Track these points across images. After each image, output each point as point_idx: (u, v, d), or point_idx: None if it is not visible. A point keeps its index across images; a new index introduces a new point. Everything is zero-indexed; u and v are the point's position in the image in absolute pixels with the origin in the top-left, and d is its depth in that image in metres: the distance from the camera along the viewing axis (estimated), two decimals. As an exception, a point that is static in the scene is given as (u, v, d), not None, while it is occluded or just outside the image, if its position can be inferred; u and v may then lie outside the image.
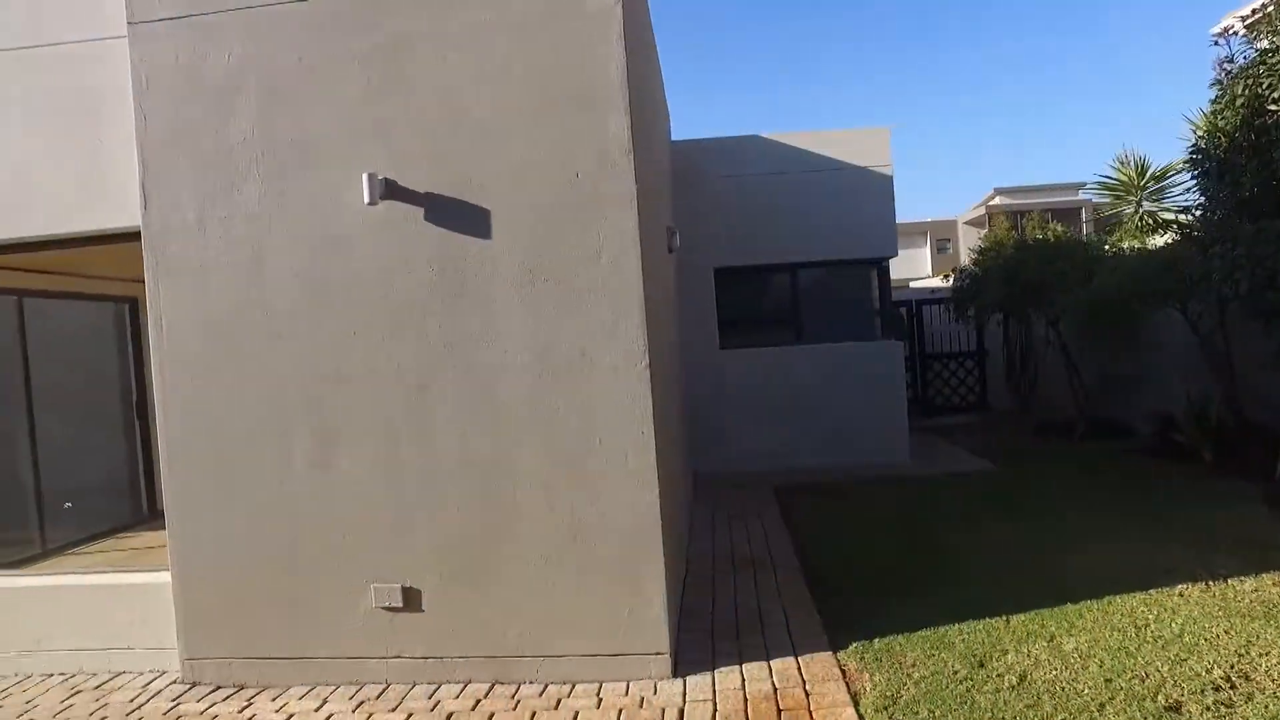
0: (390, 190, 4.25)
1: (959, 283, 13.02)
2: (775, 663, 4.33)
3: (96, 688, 4.66)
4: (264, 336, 4.42)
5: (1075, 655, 4.14)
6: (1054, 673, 3.97)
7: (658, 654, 4.21)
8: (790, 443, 10.07)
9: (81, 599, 4.92)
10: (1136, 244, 11.31)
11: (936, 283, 18.79)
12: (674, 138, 10.07)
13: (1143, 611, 4.63)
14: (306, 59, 4.36)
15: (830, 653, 4.40)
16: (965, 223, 37.35)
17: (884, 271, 10.54)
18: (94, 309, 7.63)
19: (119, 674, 4.82)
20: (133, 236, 4.67)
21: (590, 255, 4.16)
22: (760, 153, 10.35)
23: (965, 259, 15.89)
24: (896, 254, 10.41)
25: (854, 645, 4.45)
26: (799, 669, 4.23)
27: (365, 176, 4.18)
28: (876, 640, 4.49)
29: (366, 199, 4.18)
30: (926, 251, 40.63)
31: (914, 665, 4.15)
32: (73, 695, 4.59)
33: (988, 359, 14.97)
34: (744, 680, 4.16)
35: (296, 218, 4.37)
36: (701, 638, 4.74)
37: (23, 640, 4.94)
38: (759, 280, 10.68)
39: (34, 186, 4.86)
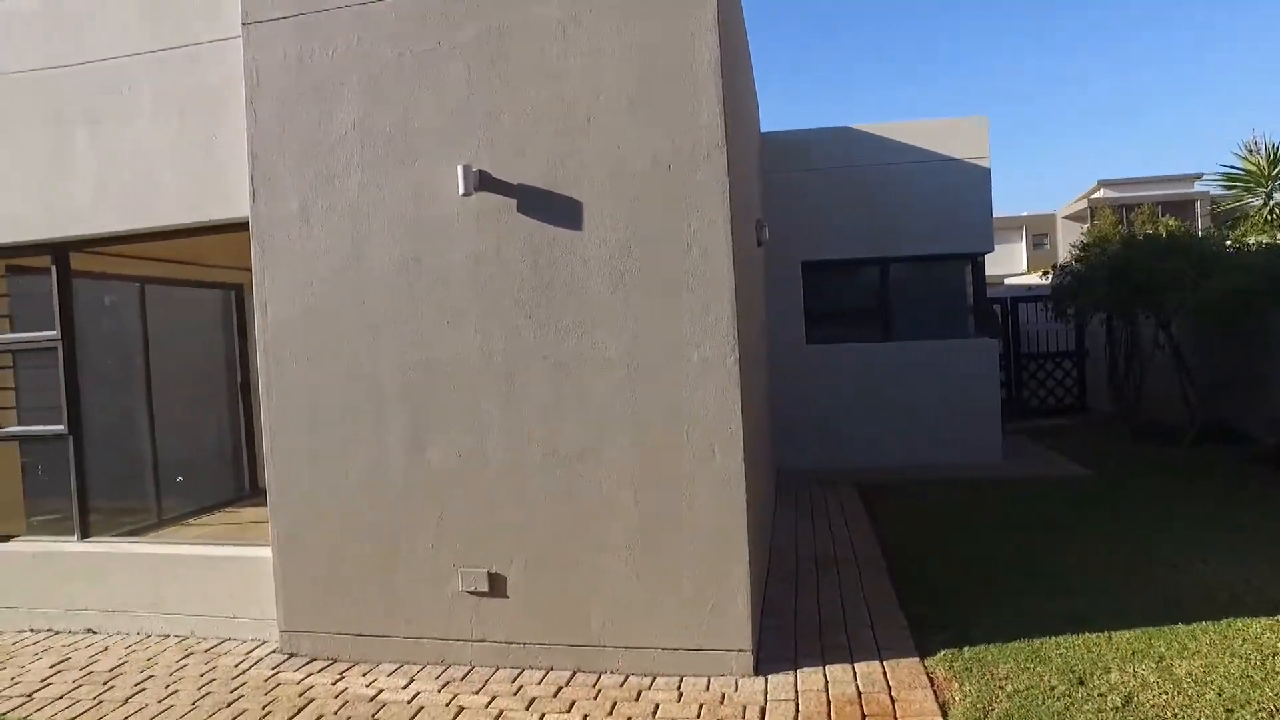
0: (484, 182, 4.32)
1: (1059, 280, 12.43)
2: (860, 665, 4.24)
3: (206, 651, 4.93)
4: (361, 323, 4.57)
5: (1189, 680, 3.88)
6: (1164, 697, 3.73)
7: (740, 651, 4.17)
8: (877, 441, 9.84)
9: (194, 568, 5.22)
10: (1265, 239, 10.54)
11: (1034, 280, 18.01)
12: (761, 130, 9.93)
13: (1269, 638, 4.30)
14: (407, 52, 4.47)
15: (917, 658, 4.27)
16: (1065, 217, 35.64)
17: (979, 267, 10.16)
18: (205, 295, 8.05)
19: (225, 640, 5.09)
20: (243, 227, 4.89)
21: (681, 247, 4.13)
22: (851, 145, 10.12)
23: (1065, 255, 15.16)
24: (993, 249, 10.02)
25: (942, 652, 4.31)
26: (884, 673, 4.13)
27: (460, 168, 4.26)
28: (966, 649, 4.33)
29: (461, 190, 4.26)
30: (1022, 247, 39.02)
31: (1007, 678, 3.99)
32: (186, 656, 4.87)
33: (1088, 360, 14.27)
34: (827, 682, 4.08)
35: (394, 208, 4.49)
36: (784, 636, 4.68)
37: (146, 602, 5.28)
38: (847, 274, 10.46)
39: (158, 180, 5.15)
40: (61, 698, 4.42)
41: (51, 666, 4.87)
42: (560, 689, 4.18)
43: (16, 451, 6.13)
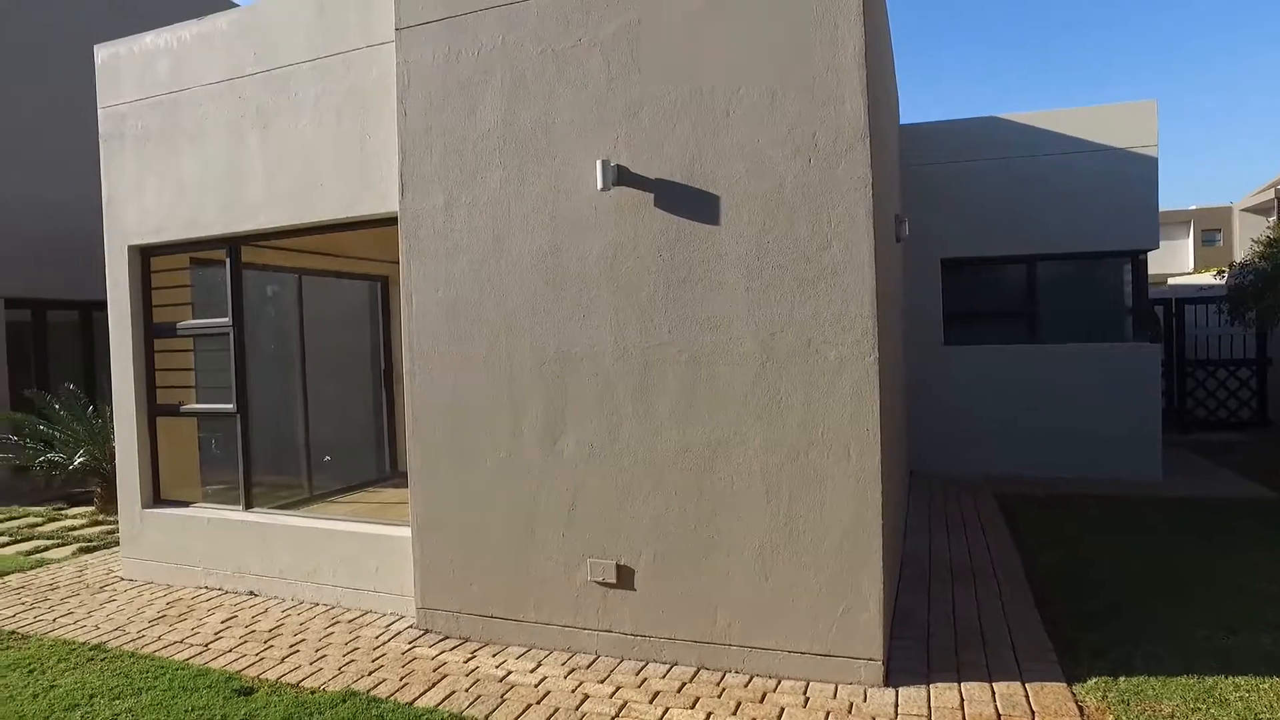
0: (622, 176, 4.35)
1: (1238, 279, 11.30)
2: (999, 685, 4.00)
3: (350, 621, 5.24)
4: (500, 314, 4.71)
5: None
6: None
7: (870, 660, 4.03)
8: (1019, 449, 9.29)
9: (343, 543, 5.55)
10: None
11: (1206, 279, 16.47)
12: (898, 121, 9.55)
13: None
14: (549, 49, 4.56)
15: (1064, 684, 3.99)
16: (1244, 210, 32.40)
17: (1140, 265, 9.37)
18: (353, 286, 8.55)
19: (367, 612, 5.39)
20: (392, 221, 5.16)
21: (821, 242, 4.02)
22: (998, 135, 9.57)
23: (1242, 252, 13.77)
24: (1157, 245, 9.23)
25: (1094, 680, 4.01)
26: (1027, 696, 3.88)
27: (599, 163, 4.31)
28: (1124, 678, 4.01)
29: (599, 185, 4.31)
30: (1189, 243, 35.84)
31: (1172, 716, 3.65)
32: (332, 624, 5.20)
33: (1270, 368, 12.91)
34: (963, 700, 3.88)
35: (534, 203, 4.60)
36: (915, 647, 4.48)
37: (300, 571, 5.68)
38: (991, 272, 9.91)
39: (318, 178, 5.50)
40: (230, 650, 4.82)
41: (222, 622, 5.32)
42: (684, 685, 4.17)
43: (195, 427, 6.71)
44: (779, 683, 4.13)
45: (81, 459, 8.78)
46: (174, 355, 6.46)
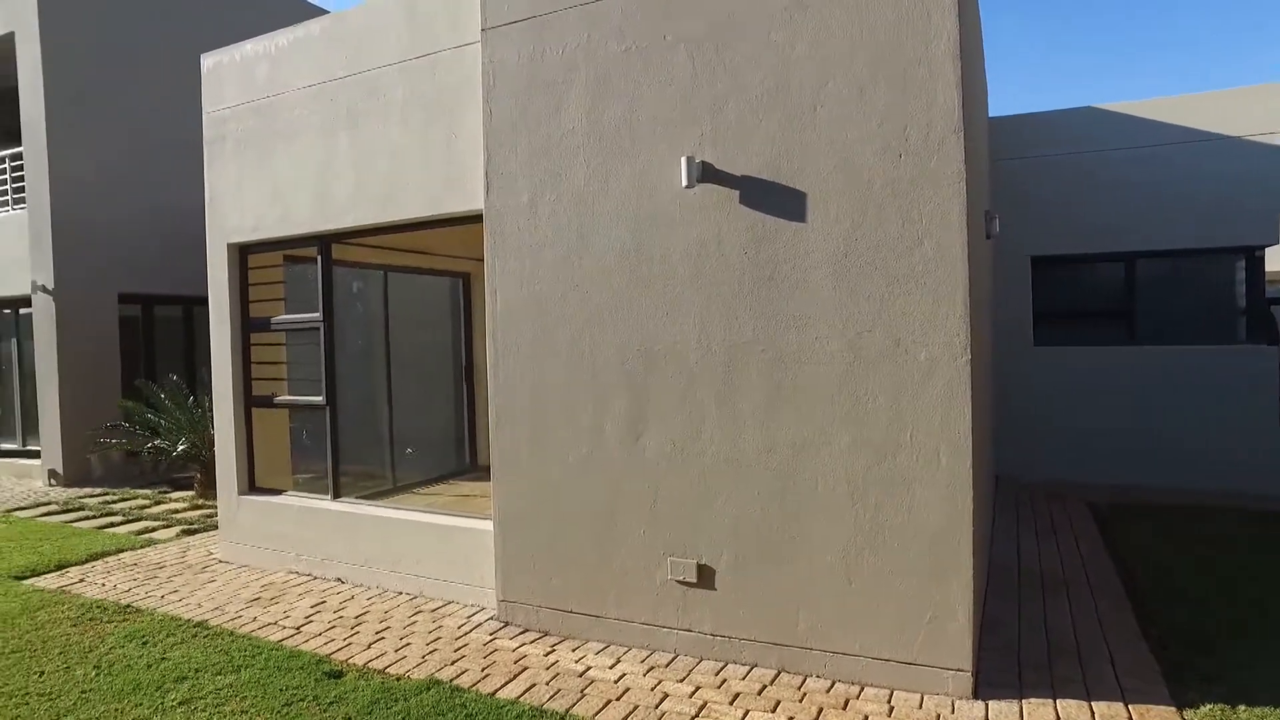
0: (707, 173, 4.31)
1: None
2: (1099, 705, 3.82)
3: (432, 611, 5.36)
4: (583, 311, 4.73)
5: None
6: None
7: (958, 670, 3.90)
8: (1115, 456, 8.86)
9: (427, 535, 5.68)
10: None
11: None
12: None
13: None
14: (633, 46, 4.55)
15: (1173, 707, 3.78)
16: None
17: (1255, 262, 8.80)
18: (436, 283, 8.74)
19: (449, 602, 5.51)
20: (477, 219, 5.24)
21: (911, 240, 3.90)
22: (1095, 126, 9.12)
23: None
24: (1276, 241, 8.65)
25: (1207, 706, 3.78)
26: (1130, 718, 3.69)
27: (684, 160, 4.29)
28: (1242, 707, 3.76)
29: (684, 182, 4.29)
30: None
31: (1295, 746, 3.42)
32: (415, 614, 5.32)
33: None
34: (1059, 717, 3.72)
35: (618, 200, 4.60)
36: (1006, 659, 4.32)
37: (385, 560, 5.84)
38: (1085, 270, 9.47)
39: (405, 177, 5.63)
40: (320, 634, 4.99)
41: (312, 606, 5.52)
42: (765, 687, 4.12)
43: (286, 418, 6.97)
44: (862, 689, 4.04)
45: (184, 446, 9.24)
46: (267, 349, 6.72)
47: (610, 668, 4.44)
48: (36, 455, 11.35)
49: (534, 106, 4.86)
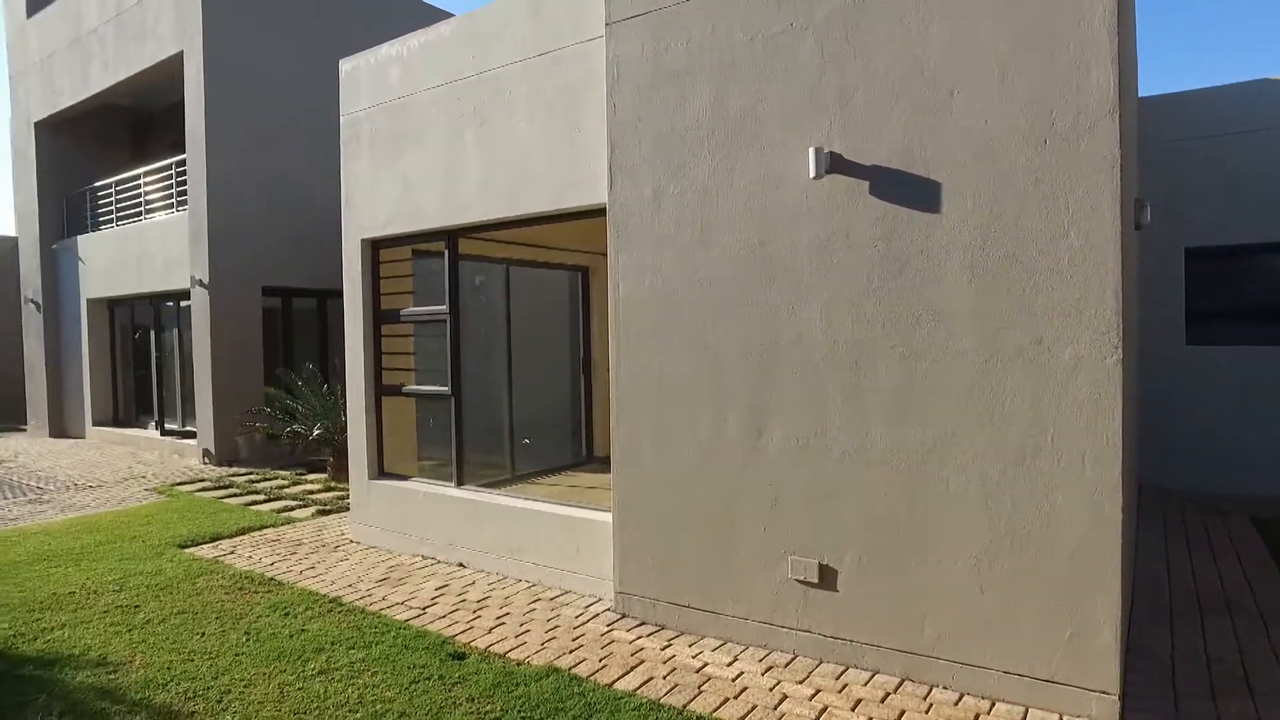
0: (835, 164, 4.19)
1: None
2: (1270, 741, 3.49)
3: (550, 600, 5.47)
4: (706, 305, 4.69)
5: None
6: None
7: (1103, 693, 3.64)
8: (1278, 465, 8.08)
9: (546, 524, 5.80)
10: None
11: None
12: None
13: None
14: (759, 35, 4.47)
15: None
16: None
17: None
18: (555, 276, 8.90)
19: (566, 591, 5.60)
20: (599, 213, 5.29)
21: (1056, 231, 3.66)
22: (1268, 101, 8.27)
23: None
24: None
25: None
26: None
27: (811, 151, 4.18)
28: None
29: (812, 173, 4.18)
30: None
31: None
32: (534, 601, 5.44)
33: None
34: (1223, 751, 3.42)
35: (742, 192, 4.54)
36: (1159, 686, 4.01)
37: (506, 548, 6.00)
38: (1248, 263, 8.65)
39: (529, 172, 5.75)
40: (444, 616, 5.17)
41: (436, 589, 5.73)
42: (888, 695, 3.98)
43: (413, 406, 7.27)
44: (993, 705, 3.84)
45: (318, 431, 9.80)
46: (397, 340, 7.02)
47: (727, 665, 4.40)
48: (193, 435, 12.33)
49: (657, 100, 4.85)
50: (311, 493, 9.30)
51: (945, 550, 3.99)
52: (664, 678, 4.25)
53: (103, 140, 15.46)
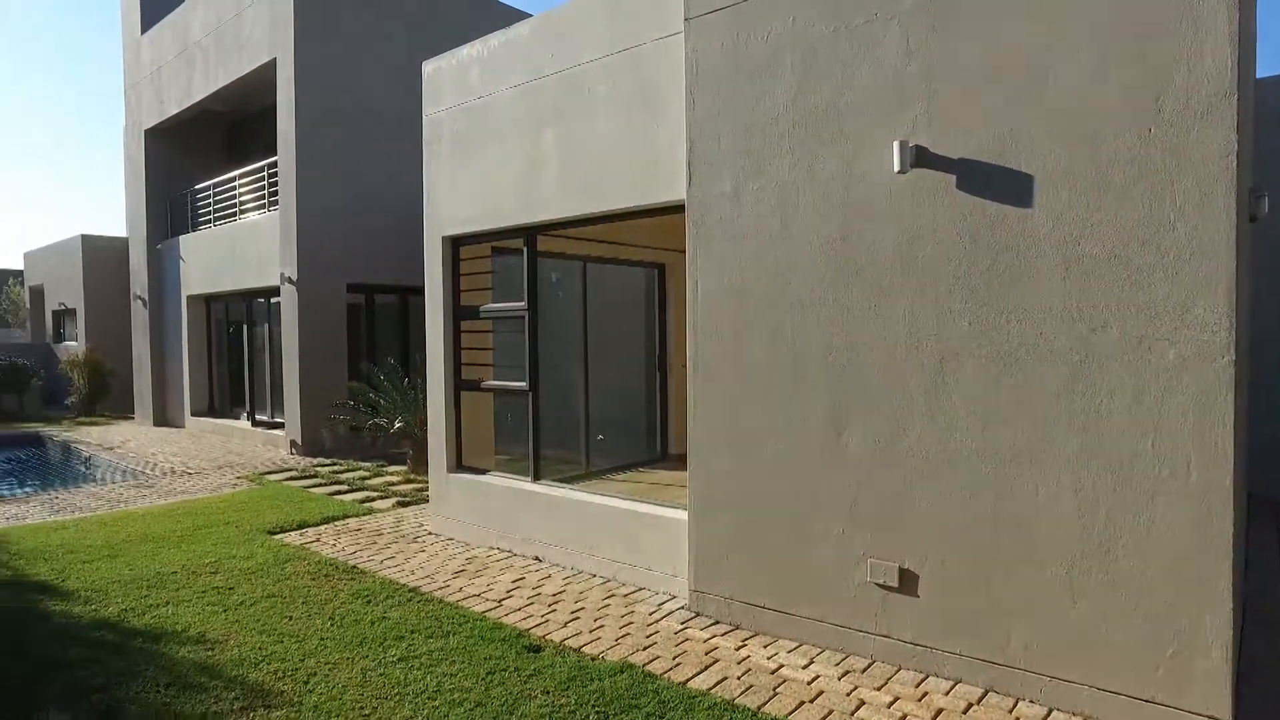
0: (921, 158, 4.06)
1: None
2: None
3: (624, 596, 5.48)
4: (786, 302, 4.62)
5: None
6: None
7: (1210, 718, 3.42)
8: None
9: (621, 521, 5.81)
10: None
11: None
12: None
13: None
14: (842, 27, 4.37)
15: None
16: None
17: None
18: (631, 273, 8.92)
19: (640, 588, 5.60)
20: (678, 209, 5.27)
21: (1161, 224, 3.47)
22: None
23: None
24: None
25: None
26: None
27: (896, 144, 4.06)
28: None
29: (896, 167, 4.07)
30: None
31: None
32: (608, 597, 5.46)
33: None
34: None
35: (823, 187, 4.45)
36: (1274, 711, 3.75)
37: (581, 543, 6.04)
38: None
39: (607, 169, 5.77)
40: (520, 609, 5.24)
41: (513, 582, 5.82)
42: (970, 706, 3.85)
43: (491, 401, 7.39)
44: (1086, 722, 3.67)
45: (399, 424, 10.07)
46: (476, 335, 7.15)
47: (803, 667, 4.33)
48: (281, 426, 12.85)
49: (737, 94, 4.80)
50: (392, 484, 9.56)
51: (1034, 559, 3.83)
52: (738, 678, 4.21)
53: (202, 145, 16.26)
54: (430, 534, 7.21)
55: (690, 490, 5.12)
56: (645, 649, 4.59)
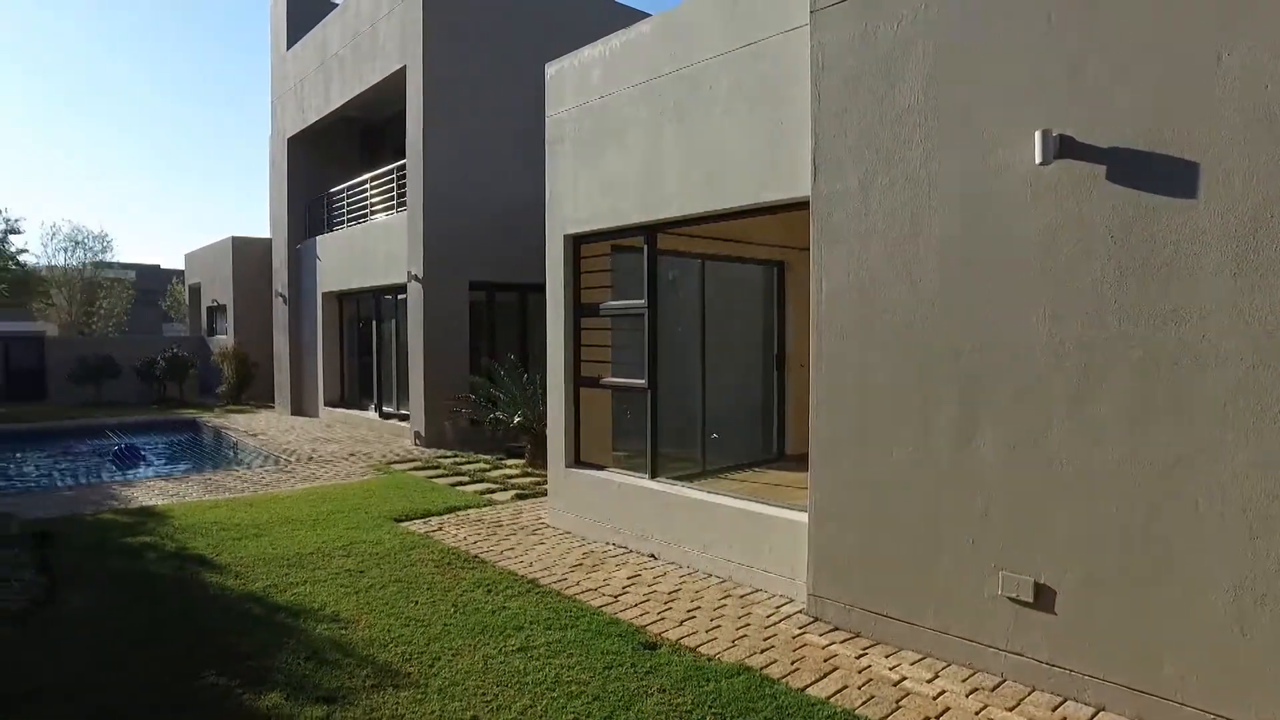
0: (1065, 147, 3.81)
1: None
2: None
3: (741, 597, 5.42)
4: (915, 301, 4.45)
5: None
6: None
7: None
8: None
9: (738, 521, 5.76)
10: None
11: None
12: None
13: None
14: (978, 10, 4.16)
15: None
16: None
17: None
18: (749, 271, 8.82)
19: (757, 590, 5.53)
20: (800, 206, 5.16)
21: (1353, 215, 3.12)
22: None
23: None
24: None
25: None
26: None
27: (1038, 134, 3.83)
28: None
29: (1038, 159, 3.83)
30: None
31: None
32: (724, 598, 5.42)
33: None
34: None
35: (956, 182, 4.25)
36: None
37: (697, 542, 6.03)
38: None
39: (728, 166, 5.72)
40: (635, 605, 5.27)
41: (628, 578, 5.86)
42: (1116, 735, 3.59)
43: (609, 398, 7.48)
44: (1251, 762, 3.35)
45: (518, 419, 10.35)
46: (594, 333, 7.25)
47: (927, 681, 4.15)
48: (406, 418, 13.45)
49: (865, 87, 4.66)
50: (510, 477, 9.83)
51: (1192, 580, 3.53)
52: (859, 688, 4.08)
53: (338, 150, 17.24)
54: (548, 527, 7.36)
55: (811, 492, 5.01)
56: (762, 652, 4.52)
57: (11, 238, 27.26)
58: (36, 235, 66.46)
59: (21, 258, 27.92)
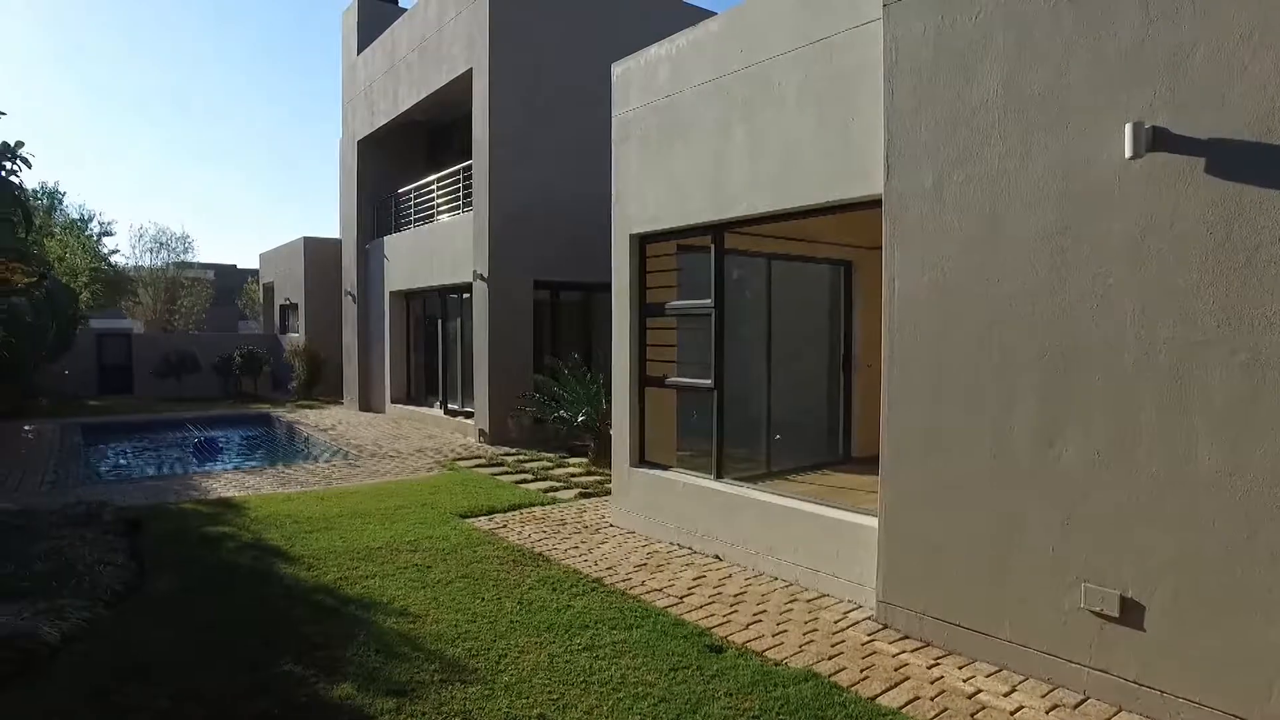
0: (1159, 140, 3.63)
1: None
2: None
3: (808, 601, 5.33)
4: (992, 302, 4.30)
5: None
6: None
7: None
8: None
9: (805, 523, 5.67)
10: None
11: None
12: None
13: None
14: (1067, 1, 3.99)
15: None
16: None
17: None
18: (817, 270, 8.68)
19: (823, 595, 5.43)
20: (871, 204, 5.04)
21: None
22: None
23: None
24: None
25: None
26: None
27: (1129, 127, 3.66)
28: None
29: (1129, 152, 3.66)
30: None
31: None
32: (791, 601, 5.34)
33: None
34: None
35: (1038, 178, 4.09)
36: None
37: (762, 544, 5.96)
38: None
39: (798, 164, 5.63)
40: (701, 607, 5.23)
41: (693, 579, 5.83)
42: (1211, 760, 3.40)
43: (674, 398, 7.44)
44: (1362, 794, 3.14)
45: (582, 418, 10.40)
46: (660, 332, 7.22)
47: (1004, 695, 4.02)
48: (470, 415, 13.65)
49: (940, 81, 4.52)
50: (574, 476, 9.88)
51: (1298, 599, 3.32)
52: (931, 699, 3.97)
53: (405, 152, 17.61)
54: (611, 526, 7.37)
55: (881, 496, 4.89)
56: (831, 658, 4.44)
57: (105, 240, 28.71)
58: (125, 237, 69.92)
59: (113, 259, 29.37)
